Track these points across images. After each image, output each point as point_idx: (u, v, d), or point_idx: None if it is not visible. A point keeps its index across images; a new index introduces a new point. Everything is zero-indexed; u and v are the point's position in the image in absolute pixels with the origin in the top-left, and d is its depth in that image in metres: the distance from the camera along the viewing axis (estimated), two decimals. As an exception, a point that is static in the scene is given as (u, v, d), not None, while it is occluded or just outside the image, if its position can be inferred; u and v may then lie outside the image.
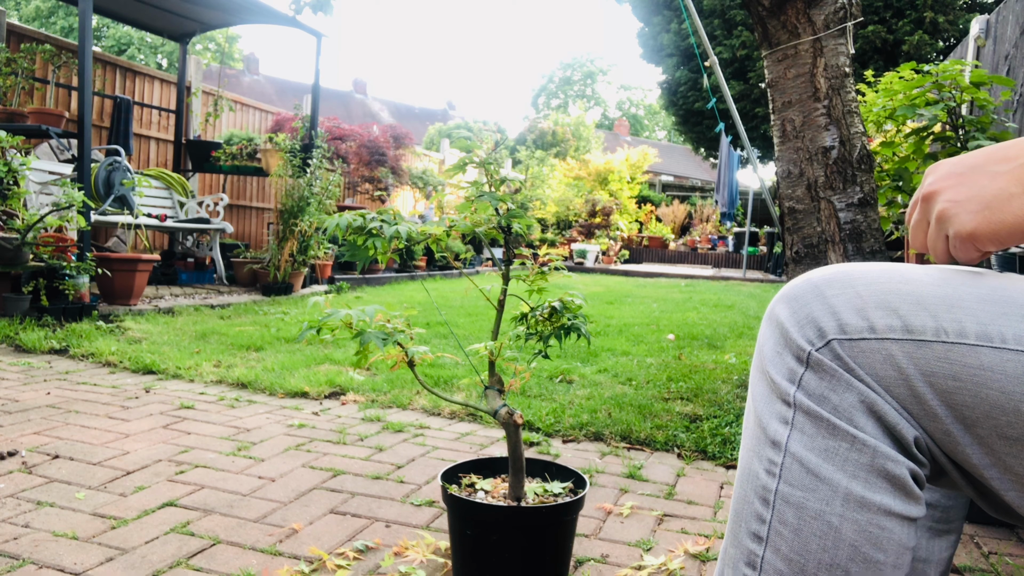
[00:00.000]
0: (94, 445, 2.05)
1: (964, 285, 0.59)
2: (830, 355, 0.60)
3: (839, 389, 0.59)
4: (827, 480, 0.59)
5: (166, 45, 26.60)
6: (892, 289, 0.60)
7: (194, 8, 6.47)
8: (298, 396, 2.80)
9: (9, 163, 3.99)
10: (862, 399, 0.59)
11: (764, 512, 0.62)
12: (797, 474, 0.60)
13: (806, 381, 0.61)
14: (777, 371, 0.63)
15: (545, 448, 2.20)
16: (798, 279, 0.65)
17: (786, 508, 0.61)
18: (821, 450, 0.59)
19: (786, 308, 0.64)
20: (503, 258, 1.34)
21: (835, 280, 0.62)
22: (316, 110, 7.05)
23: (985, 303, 0.57)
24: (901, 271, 0.61)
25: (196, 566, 1.35)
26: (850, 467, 0.58)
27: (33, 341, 3.47)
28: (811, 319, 0.61)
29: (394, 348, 1.24)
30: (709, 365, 3.46)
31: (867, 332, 0.59)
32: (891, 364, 0.58)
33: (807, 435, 0.60)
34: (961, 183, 0.63)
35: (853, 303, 0.60)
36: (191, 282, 6.60)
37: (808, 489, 0.60)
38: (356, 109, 32.11)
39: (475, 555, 1.27)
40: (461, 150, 1.25)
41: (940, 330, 0.57)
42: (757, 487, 0.63)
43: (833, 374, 0.59)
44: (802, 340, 0.61)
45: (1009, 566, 1.48)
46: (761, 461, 0.63)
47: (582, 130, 23.64)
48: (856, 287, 0.61)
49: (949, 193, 0.63)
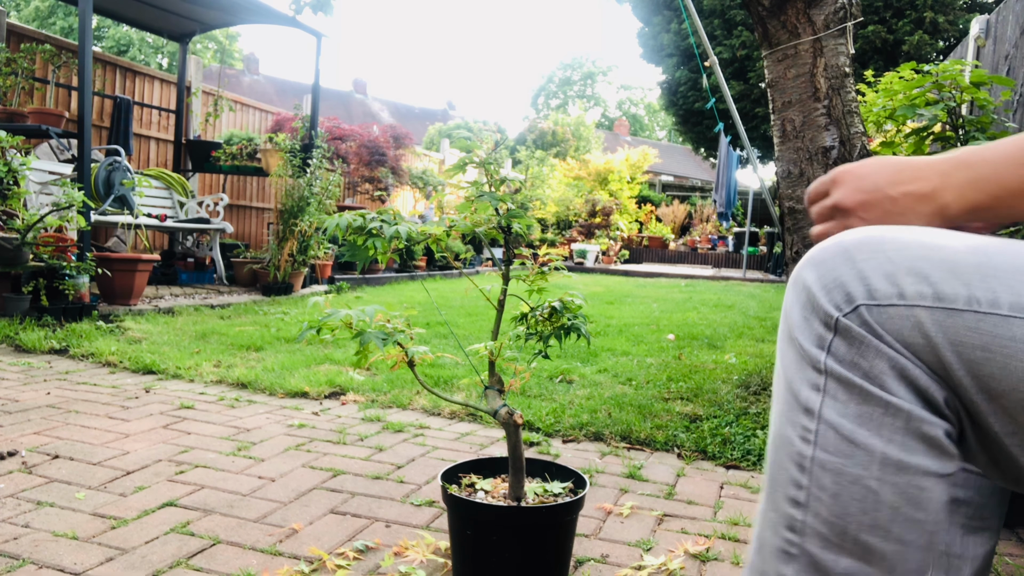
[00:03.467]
0: (94, 445, 2.05)
1: (1000, 254, 0.58)
2: (858, 321, 0.59)
3: (869, 355, 0.59)
4: (863, 446, 0.59)
5: (167, 45, 26.61)
6: (924, 255, 0.59)
7: (194, 8, 6.47)
8: (298, 396, 2.80)
9: (9, 163, 3.99)
10: (892, 364, 0.58)
11: (801, 478, 0.62)
12: (833, 440, 0.60)
13: (835, 347, 0.60)
14: (806, 337, 0.62)
15: (545, 448, 2.20)
16: (827, 242, 0.64)
17: (823, 474, 0.61)
18: (855, 416, 0.59)
19: (813, 272, 0.63)
20: (503, 258, 1.34)
21: (865, 244, 0.61)
22: (316, 110, 7.05)
23: (1021, 273, 0.56)
24: (935, 236, 0.60)
25: (196, 566, 1.35)
26: (886, 432, 0.59)
27: (33, 341, 3.47)
28: (839, 283, 0.60)
29: (394, 348, 1.24)
30: (709, 365, 3.46)
31: (896, 298, 0.58)
32: (919, 331, 0.57)
33: (840, 401, 0.60)
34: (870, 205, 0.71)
35: (883, 268, 0.59)
36: (191, 282, 6.60)
37: (845, 455, 0.60)
38: (356, 109, 32.11)
39: (475, 555, 1.27)
40: (461, 150, 1.25)
41: (972, 299, 0.56)
42: (792, 453, 0.63)
43: (862, 340, 0.59)
44: (830, 305, 0.61)
45: (1009, 566, 1.48)
46: (795, 428, 0.63)
47: (582, 130, 23.65)
48: (887, 251, 0.60)
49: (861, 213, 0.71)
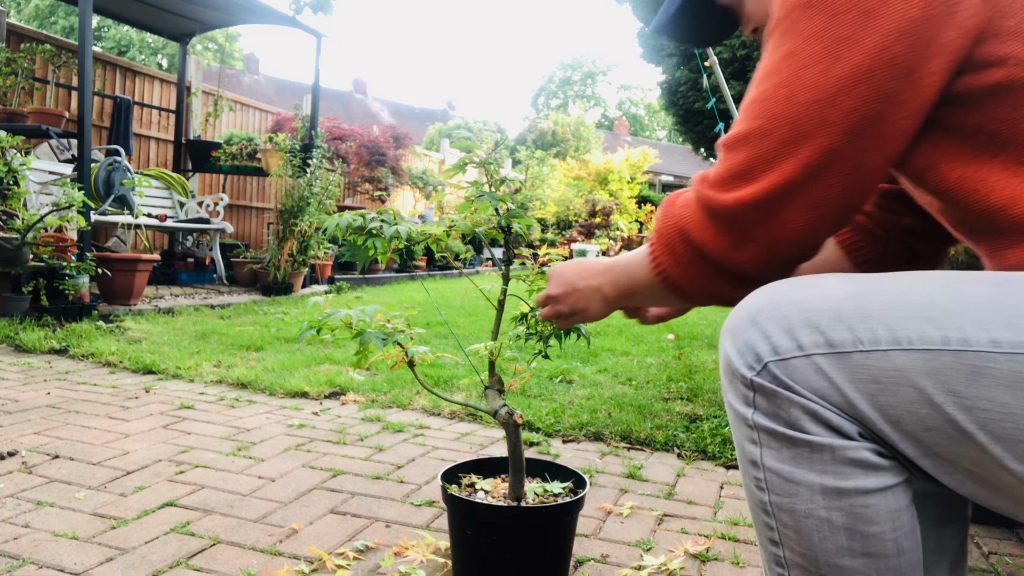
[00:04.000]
0: (94, 445, 2.05)
1: (874, 294, 0.66)
2: (769, 377, 0.66)
3: (784, 405, 0.66)
4: (803, 483, 0.66)
5: (167, 46, 26.61)
6: (813, 307, 0.66)
7: (194, 8, 6.47)
8: (298, 396, 2.80)
9: (9, 163, 3.99)
10: (805, 410, 0.65)
11: (769, 520, 0.69)
12: (778, 484, 0.67)
13: (758, 402, 0.67)
14: (735, 399, 0.70)
15: (545, 448, 2.20)
16: (736, 309, 0.71)
17: (782, 514, 0.68)
18: (789, 459, 0.66)
19: (728, 340, 0.70)
20: (503, 258, 1.34)
21: (764, 304, 0.69)
22: (316, 110, 7.05)
23: (891, 310, 0.64)
24: (822, 287, 0.68)
25: (196, 566, 1.35)
26: (817, 466, 0.65)
27: (33, 341, 3.47)
28: (749, 346, 0.68)
29: (394, 348, 1.24)
30: (709, 365, 3.46)
31: (796, 351, 0.65)
32: (822, 376, 0.64)
33: (774, 449, 0.67)
34: (566, 295, 1.00)
35: (780, 324, 0.66)
36: (191, 282, 6.60)
37: (791, 495, 0.67)
38: (356, 109, 32.11)
39: (475, 555, 1.27)
40: (461, 150, 1.25)
41: (857, 340, 0.64)
42: (756, 501, 0.70)
43: (775, 393, 0.66)
44: (744, 368, 0.68)
45: (1009, 566, 1.48)
46: (751, 479, 0.70)
47: (582, 130, 23.65)
48: (782, 309, 0.67)
49: (562, 299, 1.00)
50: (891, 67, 0.67)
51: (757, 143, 0.72)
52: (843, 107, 0.68)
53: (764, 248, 0.74)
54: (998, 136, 0.70)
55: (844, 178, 0.70)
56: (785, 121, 0.70)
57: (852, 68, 0.67)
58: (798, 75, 0.70)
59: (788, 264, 0.76)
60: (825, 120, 0.68)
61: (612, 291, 0.94)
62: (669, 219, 0.81)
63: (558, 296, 1.01)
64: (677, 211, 0.80)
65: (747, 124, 0.73)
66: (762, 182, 0.71)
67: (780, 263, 0.76)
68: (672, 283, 0.82)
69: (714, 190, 0.75)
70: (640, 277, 0.87)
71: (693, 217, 0.77)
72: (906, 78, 0.67)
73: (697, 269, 0.78)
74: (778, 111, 0.70)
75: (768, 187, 0.71)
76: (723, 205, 0.73)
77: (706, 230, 0.76)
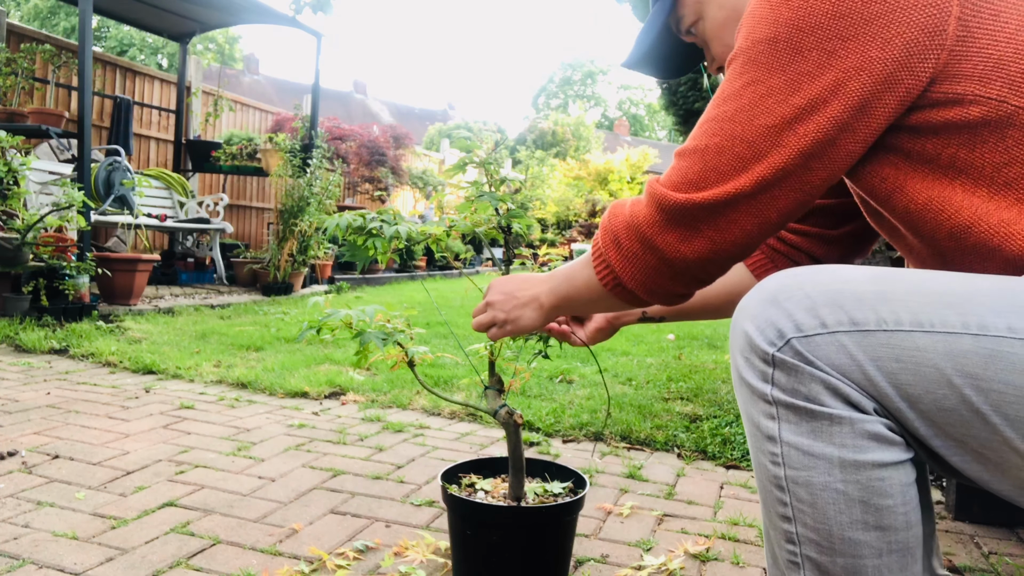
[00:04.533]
0: (94, 445, 2.05)
1: (893, 282, 0.70)
2: (791, 352, 0.69)
3: (805, 380, 0.68)
4: (822, 455, 0.68)
5: (167, 46, 26.60)
6: (836, 288, 0.70)
7: (194, 8, 6.47)
8: (298, 396, 2.80)
9: (9, 163, 3.99)
10: (826, 385, 0.68)
11: (783, 496, 0.71)
12: (796, 457, 0.70)
13: (777, 378, 0.70)
14: (752, 376, 0.72)
15: (545, 448, 2.20)
16: (754, 291, 0.75)
17: (797, 488, 0.70)
18: (808, 432, 0.69)
19: (747, 319, 0.73)
20: (503, 258, 1.34)
21: (786, 287, 0.72)
22: (316, 110, 7.05)
23: (912, 295, 0.68)
24: (841, 273, 0.72)
25: (196, 566, 1.35)
26: (836, 439, 0.68)
27: (33, 341, 3.47)
28: (770, 323, 0.70)
29: (394, 348, 1.24)
30: (709, 365, 3.46)
31: (820, 328, 0.68)
32: (844, 353, 0.67)
33: (792, 423, 0.70)
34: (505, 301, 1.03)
35: (804, 304, 0.69)
36: (191, 282, 6.60)
37: (809, 468, 0.69)
38: (356, 109, 32.11)
39: (475, 555, 1.27)
40: (461, 150, 1.25)
41: (880, 320, 0.67)
42: (770, 477, 0.72)
43: (797, 368, 0.69)
44: (765, 344, 0.70)
45: (1009, 566, 1.48)
46: (765, 455, 0.72)
47: (582, 130, 23.66)
48: (805, 288, 0.70)
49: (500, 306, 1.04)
50: (847, 101, 0.73)
51: (714, 157, 0.77)
52: (798, 132, 0.74)
53: (708, 244, 0.79)
54: (956, 161, 0.75)
55: (790, 192, 0.77)
56: (742, 141, 0.76)
57: (810, 99, 0.73)
58: (759, 101, 0.75)
59: (727, 263, 0.82)
60: (780, 143, 0.74)
61: (549, 299, 0.98)
62: (617, 219, 0.85)
63: (495, 303, 1.04)
64: (627, 211, 0.85)
65: (705, 139, 0.78)
66: (715, 190, 0.77)
67: (721, 261, 0.81)
68: (615, 278, 0.86)
69: (667, 189, 0.80)
70: (581, 280, 0.92)
71: (644, 212, 0.82)
72: (860, 111, 0.74)
73: (642, 263, 0.83)
74: (737, 131, 0.76)
75: (720, 194, 0.76)
76: (675, 201, 0.78)
77: (656, 223, 0.80)
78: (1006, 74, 0.72)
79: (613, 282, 0.86)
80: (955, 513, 1.70)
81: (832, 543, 0.69)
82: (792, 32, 0.74)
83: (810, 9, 0.73)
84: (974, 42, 0.72)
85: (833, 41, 0.72)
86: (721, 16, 0.97)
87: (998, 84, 0.72)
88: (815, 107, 0.73)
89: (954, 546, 1.57)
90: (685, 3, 1.00)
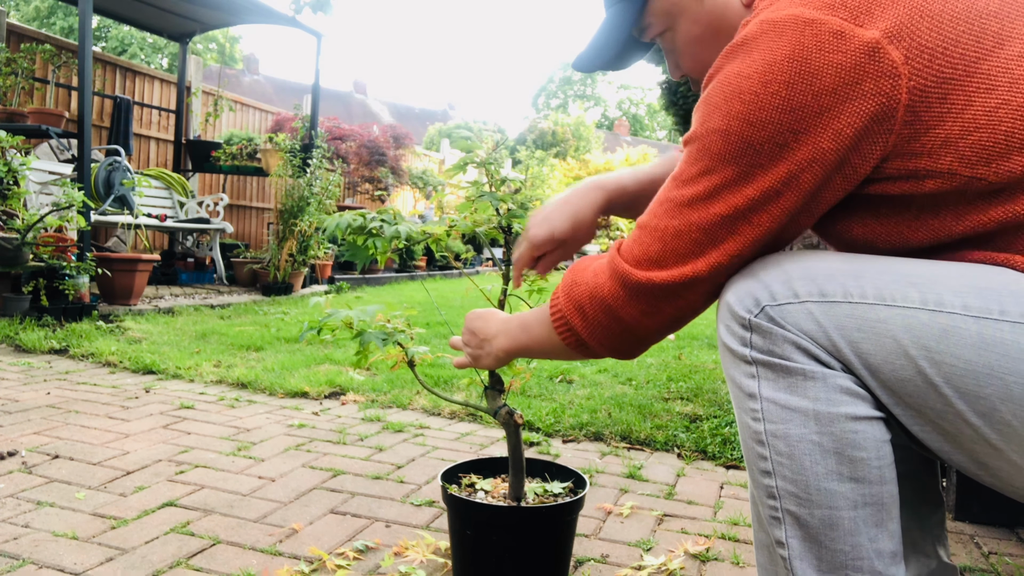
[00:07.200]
0: (94, 445, 2.05)
1: (866, 263, 0.76)
2: (765, 318, 0.75)
3: (778, 342, 0.74)
4: (797, 408, 0.74)
5: (167, 45, 26.61)
6: (812, 267, 0.76)
7: (194, 8, 6.47)
8: (298, 396, 2.80)
9: (9, 163, 3.99)
10: (797, 346, 0.74)
11: (763, 451, 0.76)
12: (774, 412, 0.75)
13: (755, 341, 0.76)
14: (733, 341, 0.78)
15: (545, 448, 2.20)
16: (738, 273, 0.80)
17: (776, 441, 0.75)
18: (785, 387, 0.74)
19: (730, 291, 0.79)
20: (503, 258, 1.34)
21: (768, 264, 0.78)
22: (316, 110, 7.05)
23: (881, 274, 0.74)
24: (821, 257, 0.78)
25: (196, 566, 1.35)
26: (811, 392, 0.73)
27: (33, 341, 3.47)
28: (749, 293, 0.77)
29: (394, 348, 1.24)
30: (709, 365, 3.46)
31: (792, 298, 0.74)
32: (812, 320, 0.73)
33: (770, 380, 0.75)
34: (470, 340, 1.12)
35: (780, 278, 0.76)
36: (191, 282, 6.60)
37: (786, 420, 0.74)
38: (356, 109, 32.11)
39: (475, 555, 1.27)
40: (461, 150, 1.25)
41: (847, 293, 0.73)
42: (751, 433, 0.77)
43: (771, 332, 0.75)
44: (743, 311, 0.76)
45: (1009, 566, 1.48)
46: (747, 413, 0.77)
47: (582, 130, 23.66)
48: (784, 267, 0.77)
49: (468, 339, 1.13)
50: (800, 191, 0.76)
51: (672, 240, 0.81)
52: (752, 222, 0.78)
53: (668, 318, 0.85)
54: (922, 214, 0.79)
55: (738, 270, 0.81)
56: (698, 228, 0.80)
57: (764, 191, 0.77)
58: (713, 192, 0.78)
59: (685, 323, 0.89)
60: (735, 231, 0.79)
61: (506, 342, 1.05)
62: (580, 286, 0.89)
63: (466, 339, 1.14)
64: (589, 279, 0.88)
65: (664, 220, 0.82)
66: (673, 271, 0.81)
67: (680, 325, 0.89)
68: (579, 340, 0.91)
69: (629, 265, 0.84)
70: (539, 335, 0.98)
71: (607, 285, 0.86)
72: (812, 196, 0.78)
73: (607, 330, 0.88)
74: (693, 219, 0.80)
75: (678, 276, 0.81)
76: (637, 280, 0.83)
77: (620, 298, 0.85)
78: (955, 149, 0.74)
79: (577, 342, 0.91)
80: (955, 513, 1.70)
81: (809, 494, 0.73)
82: (744, 127, 0.75)
83: (761, 104, 0.75)
84: (922, 124, 0.74)
85: (785, 135, 0.74)
86: (695, 31, 0.96)
87: (948, 159, 0.74)
88: (769, 198, 0.77)
89: (954, 546, 1.57)
90: (653, 12, 0.98)
